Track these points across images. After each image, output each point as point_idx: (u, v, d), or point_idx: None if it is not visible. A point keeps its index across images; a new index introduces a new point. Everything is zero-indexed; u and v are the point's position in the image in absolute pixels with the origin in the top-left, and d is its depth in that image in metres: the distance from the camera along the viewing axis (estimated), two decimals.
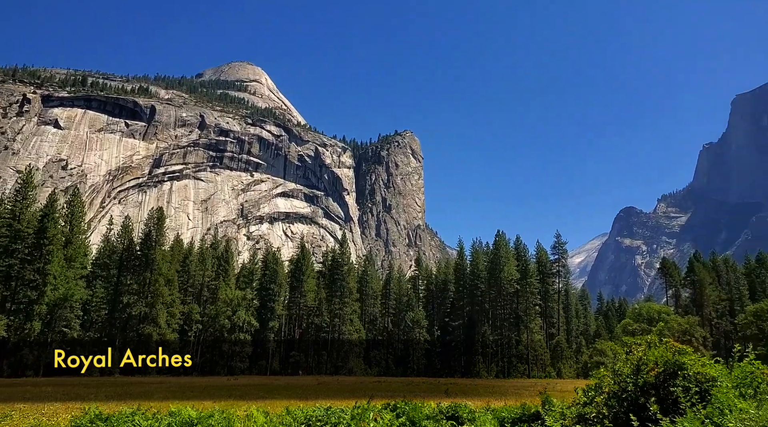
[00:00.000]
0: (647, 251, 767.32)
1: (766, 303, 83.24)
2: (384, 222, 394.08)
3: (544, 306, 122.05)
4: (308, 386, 57.35)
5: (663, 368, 15.96)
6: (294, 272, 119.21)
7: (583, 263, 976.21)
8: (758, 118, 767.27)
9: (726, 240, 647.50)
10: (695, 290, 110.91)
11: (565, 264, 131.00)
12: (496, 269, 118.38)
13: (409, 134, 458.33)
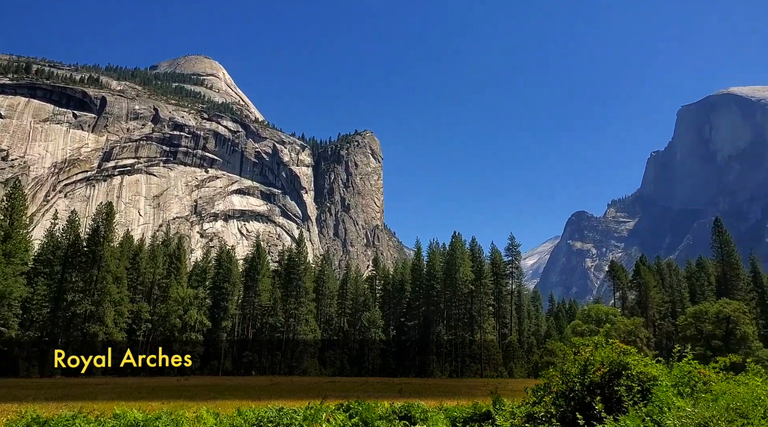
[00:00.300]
0: (597, 254, 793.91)
1: (704, 305, 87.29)
2: (342, 222, 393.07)
3: (498, 307, 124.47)
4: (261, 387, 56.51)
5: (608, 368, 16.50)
6: (249, 271, 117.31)
7: (536, 264, 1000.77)
8: (701, 129, 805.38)
9: (670, 245, 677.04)
10: (641, 292, 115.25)
11: (519, 266, 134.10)
12: (451, 269, 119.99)
13: (369, 134, 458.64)
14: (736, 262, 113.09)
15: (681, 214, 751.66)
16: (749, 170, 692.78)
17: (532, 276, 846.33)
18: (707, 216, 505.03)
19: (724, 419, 10.43)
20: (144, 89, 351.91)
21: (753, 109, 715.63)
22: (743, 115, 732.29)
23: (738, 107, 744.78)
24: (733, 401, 11.49)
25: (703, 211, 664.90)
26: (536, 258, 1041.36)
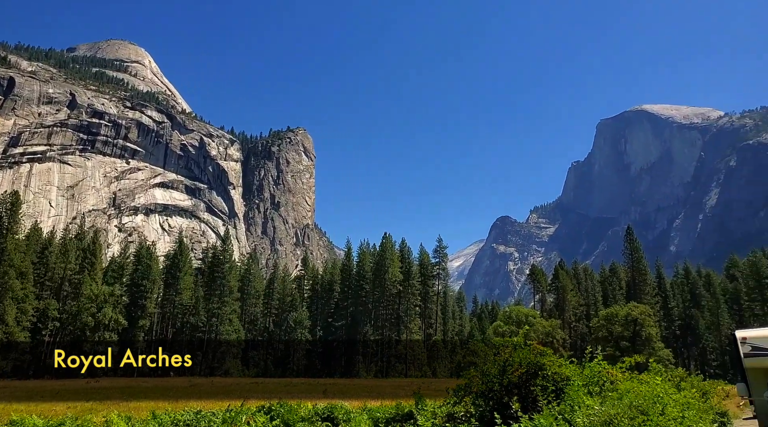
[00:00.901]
0: (519, 258, 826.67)
1: (615, 308, 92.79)
2: (271, 220, 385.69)
3: (424, 307, 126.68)
4: (179, 388, 54.37)
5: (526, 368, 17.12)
6: (170, 268, 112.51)
7: (462, 266, 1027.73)
8: (617, 142, 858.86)
9: (586, 250, 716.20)
10: (558, 295, 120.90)
11: (445, 267, 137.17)
12: (381, 270, 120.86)
13: (302, 132, 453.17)
14: (644, 268, 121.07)
15: (597, 221, 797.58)
16: (657, 183, 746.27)
17: (458, 278, 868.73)
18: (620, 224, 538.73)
19: (627, 416, 11.06)
20: (60, 72, 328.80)
21: (662, 126, 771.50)
22: (654, 131, 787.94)
23: (650, 124, 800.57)
24: (635, 399, 12.24)
25: (617, 219, 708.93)
26: (462, 260, 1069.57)
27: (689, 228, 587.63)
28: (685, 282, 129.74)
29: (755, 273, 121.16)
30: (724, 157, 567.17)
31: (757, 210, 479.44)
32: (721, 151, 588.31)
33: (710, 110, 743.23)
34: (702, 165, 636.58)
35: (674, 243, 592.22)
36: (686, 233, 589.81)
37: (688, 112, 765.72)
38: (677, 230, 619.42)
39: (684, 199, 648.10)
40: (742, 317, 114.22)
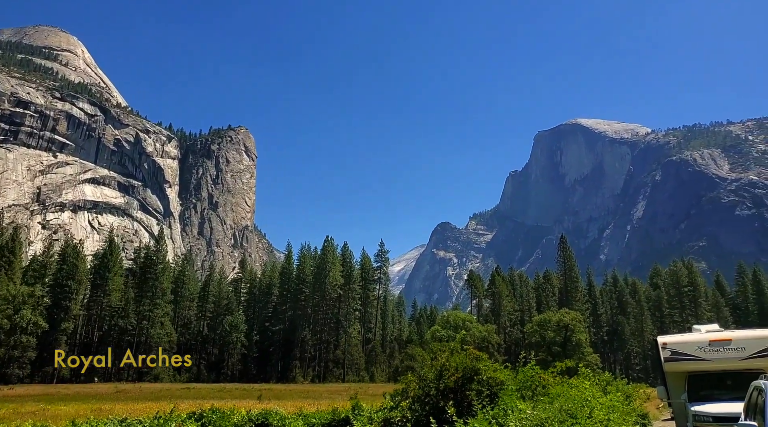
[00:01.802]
0: (458, 263, 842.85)
1: (548, 314, 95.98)
2: (209, 220, 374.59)
3: (364, 311, 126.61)
4: (104, 395, 51.68)
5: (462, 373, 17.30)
6: (98, 268, 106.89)
7: (402, 271, 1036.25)
8: (553, 153, 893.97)
9: (522, 257, 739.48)
10: (495, 300, 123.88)
11: (387, 272, 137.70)
12: (322, 274, 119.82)
13: (244, 131, 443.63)
14: (576, 275, 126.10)
15: (533, 229, 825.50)
16: (590, 194, 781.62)
17: (399, 282, 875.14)
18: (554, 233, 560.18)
19: (557, 419, 11.34)
20: None
21: (595, 139, 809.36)
22: (587, 144, 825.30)
23: (583, 137, 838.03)
24: (565, 403, 12.58)
25: (551, 228, 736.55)
26: (403, 264, 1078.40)
27: (618, 238, 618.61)
28: (613, 290, 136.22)
29: (675, 282, 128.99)
30: (651, 172, 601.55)
31: (678, 222, 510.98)
32: (647, 165, 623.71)
33: (639, 127, 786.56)
34: (630, 178, 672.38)
35: (604, 252, 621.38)
36: (615, 243, 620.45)
37: (619, 128, 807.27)
38: (607, 239, 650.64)
39: (614, 210, 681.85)
40: (663, 323, 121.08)
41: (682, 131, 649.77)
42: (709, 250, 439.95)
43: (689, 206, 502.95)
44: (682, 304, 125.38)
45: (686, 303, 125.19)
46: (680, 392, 20.01)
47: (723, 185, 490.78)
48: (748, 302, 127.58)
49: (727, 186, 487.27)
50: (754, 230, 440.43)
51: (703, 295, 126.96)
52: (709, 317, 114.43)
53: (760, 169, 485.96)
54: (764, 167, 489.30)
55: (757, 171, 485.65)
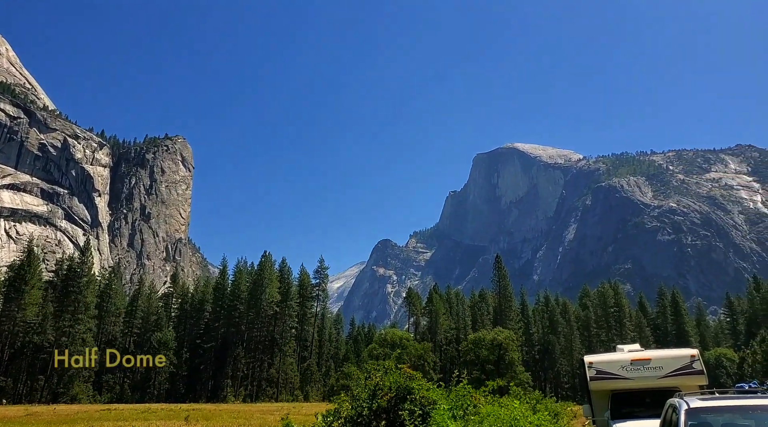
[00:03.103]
0: (397, 281, 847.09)
1: (482, 333, 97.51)
2: (140, 232, 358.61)
3: (300, 329, 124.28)
4: (11, 419, 47.73)
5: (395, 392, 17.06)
6: (14, 280, 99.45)
7: (342, 288, 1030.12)
8: (491, 175, 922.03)
9: (459, 276, 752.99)
10: (432, 318, 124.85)
11: (325, 289, 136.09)
12: (258, 290, 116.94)
13: (182, 140, 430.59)
14: (510, 294, 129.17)
15: (470, 248, 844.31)
16: (524, 216, 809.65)
17: (337, 299, 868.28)
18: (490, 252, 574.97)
19: None
20: None
21: (531, 163, 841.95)
22: (523, 168, 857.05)
23: (519, 161, 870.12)
24: (495, 422, 12.62)
25: (488, 247, 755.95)
26: (343, 281, 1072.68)
27: (550, 259, 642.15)
28: (545, 309, 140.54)
29: (603, 303, 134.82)
30: (581, 196, 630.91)
31: (606, 245, 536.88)
32: (579, 190, 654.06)
33: (572, 153, 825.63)
34: (563, 202, 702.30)
35: (537, 272, 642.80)
36: (547, 263, 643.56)
37: (553, 153, 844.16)
38: (540, 260, 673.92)
39: (547, 232, 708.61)
40: (591, 342, 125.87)
41: (611, 159, 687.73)
42: (633, 272, 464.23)
43: (616, 230, 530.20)
44: (609, 324, 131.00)
45: (612, 323, 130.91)
46: (604, 410, 20.65)
47: (647, 211, 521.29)
48: (667, 323, 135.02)
49: (650, 212, 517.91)
50: (674, 255, 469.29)
51: (628, 315, 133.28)
52: (632, 336, 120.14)
53: (679, 198, 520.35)
54: (682, 196, 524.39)
55: (676, 199, 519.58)
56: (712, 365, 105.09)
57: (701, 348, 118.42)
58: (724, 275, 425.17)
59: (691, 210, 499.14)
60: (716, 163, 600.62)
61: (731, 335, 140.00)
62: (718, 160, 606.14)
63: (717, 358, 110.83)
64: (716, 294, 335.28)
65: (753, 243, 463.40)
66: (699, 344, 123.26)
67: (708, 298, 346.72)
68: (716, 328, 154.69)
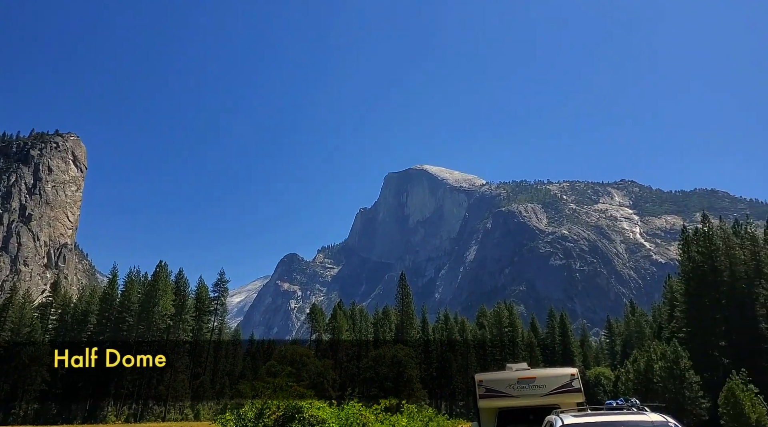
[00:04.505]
0: (302, 296, 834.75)
1: (383, 350, 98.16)
2: (18, 234, 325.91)
3: (195, 344, 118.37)
4: None
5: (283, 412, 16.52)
6: None
7: (242, 302, 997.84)
8: (400, 194, 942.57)
9: (365, 292, 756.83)
10: (334, 335, 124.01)
11: (225, 303, 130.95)
12: (150, 302, 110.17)
13: (74, 138, 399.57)
14: (412, 312, 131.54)
15: (376, 265, 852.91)
16: (430, 235, 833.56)
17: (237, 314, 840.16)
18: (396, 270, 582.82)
19: None
20: None
21: (438, 185, 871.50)
22: (431, 189, 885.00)
23: (428, 182, 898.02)
24: None
25: (394, 265, 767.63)
26: (244, 296, 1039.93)
27: (451, 278, 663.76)
28: (444, 327, 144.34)
29: (498, 322, 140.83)
30: (483, 220, 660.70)
31: (503, 267, 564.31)
32: (480, 213, 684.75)
33: (476, 178, 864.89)
34: (466, 224, 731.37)
35: (439, 291, 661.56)
36: (449, 283, 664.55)
37: (459, 177, 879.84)
38: (442, 279, 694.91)
39: (449, 252, 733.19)
40: (486, 360, 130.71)
41: (512, 186, 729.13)
42: (527, 294, 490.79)
43: (513, 253, 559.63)
44: (503, 343, 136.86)
45: (506, 342, 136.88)
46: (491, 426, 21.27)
47: (541, 237, 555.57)
48: (555, 343, 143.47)
49: (544, 238, 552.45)
50: (563, 279, 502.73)
51: (521, 335, 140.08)
52: (524, 355, 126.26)
53: (570, 226, 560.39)
54: (573, 224, 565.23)
55: (568, 227, 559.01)
56: (592, 383, 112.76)
57: (584, 367, 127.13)
58: (606, 299, 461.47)
59: (581, 238, 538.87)
60: (603, 196, 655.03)
61: (609, 355, 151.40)
62: (605, 193, 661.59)
63: (596, 376, 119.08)
64: (599, 317, 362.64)
65: (631, 270, 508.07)
66: (582, 364, 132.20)
67: (592, 320, 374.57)
68: (597, 348, 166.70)
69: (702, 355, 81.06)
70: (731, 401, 57.41)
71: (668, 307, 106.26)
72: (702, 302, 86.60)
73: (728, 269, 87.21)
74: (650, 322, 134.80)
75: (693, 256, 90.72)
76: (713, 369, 79.55)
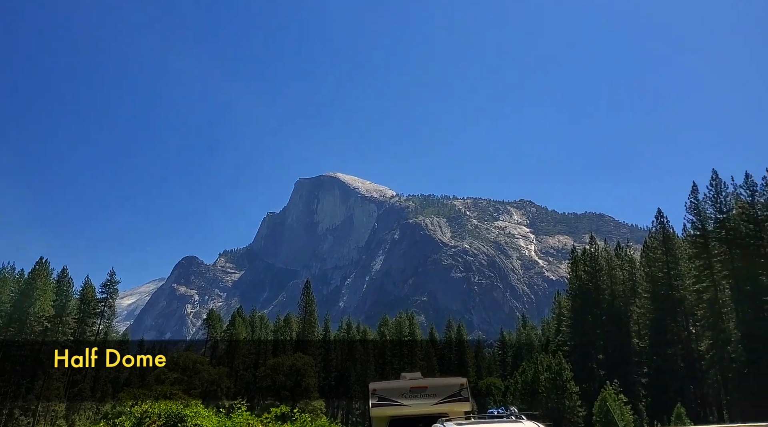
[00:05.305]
0: (199, 301, 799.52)
1: (282, 358, 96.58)
2: None
3: (76, 348, 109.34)
4: None
5: (165, 420, 15.70)
6: None
7: (134, 305, 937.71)
8: (310, 201, 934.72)
9: (267, 298, 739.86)
10: (231, 342, 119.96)
11: (113, 305, 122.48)
12: (26, 302, 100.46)
13: None
14: (314, 321, 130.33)
15: (281, 272, 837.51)
16: (338, 243, 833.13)
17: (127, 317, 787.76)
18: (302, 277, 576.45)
19: None
20: None
21: (349, 194, 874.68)
22: (342, 197, 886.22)
23: (339, 190, 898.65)
24: None
25: (300, 272, 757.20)
26: (136, 298, 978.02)
27: (357, 287, 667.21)
28: (346, 336, 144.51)
29: (399, 332, 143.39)
30: (391, 230, 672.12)
31: (407, 278, 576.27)
32: (389, 224, 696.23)
33: (386, 189, 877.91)
34: (374, 234, 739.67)
35: (343, 299, 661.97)
36: (354, 291, 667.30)
37: (370, 187, 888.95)
38: (347, 287, 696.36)
39: (357, 261, 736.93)
40: (385, 369, 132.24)
41: (420, 199, 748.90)
42: (428, 305, 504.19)
43: (417, 265, 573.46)
44: (402, 352, 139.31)
45: (405, 352, 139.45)
46: None
47: (445, 250, 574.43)
48: (452, 353, 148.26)
49: (447, 251, 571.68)
50: (463, 291, 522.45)
51: (419, 345, 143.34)
52: (421, 365, 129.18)
53: (472, 240, 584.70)
54: (474, 239, 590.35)
55: (469, 241, 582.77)
56: (483, 393, 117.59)
57: (477, 377, 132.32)
58: (501, 312, 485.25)
59: (480, 252, 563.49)
60: (503, 214, 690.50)
61: (501, 365, 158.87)
62: (505, 211, 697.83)
63: (488, 386, 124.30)
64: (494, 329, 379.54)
65: (525, 286, 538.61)
66: (475, 374, 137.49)
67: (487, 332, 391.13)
68: (490, 359, 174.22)
69: (582, 367, 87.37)
70: (604, 410, 62.27)
71: (556, 322, 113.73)
72: (585, 318, 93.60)
73: (609, 287, 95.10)
74: (539, 335, 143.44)
75: (580, 274, 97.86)
76: (591, 380, 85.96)
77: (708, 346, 74.06)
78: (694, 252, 78.53)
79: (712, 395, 76.92)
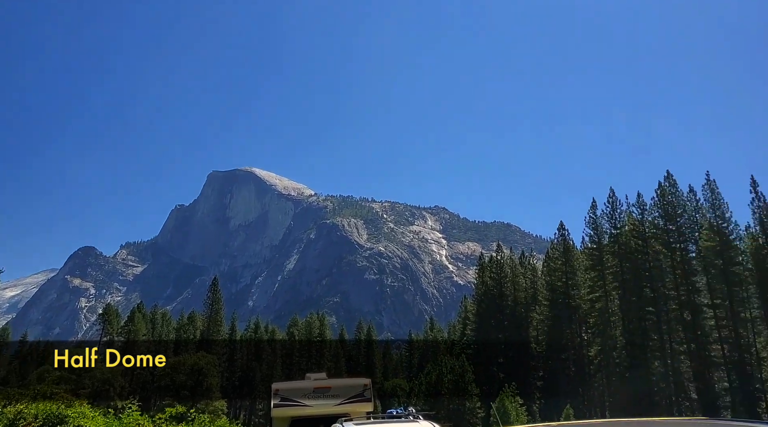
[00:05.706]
0: (95, 295, 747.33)
1: (184, 357, 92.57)
2: None
3: None
4: None
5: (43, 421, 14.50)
6: None
7: (17, 297, 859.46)
8: (224, 195, 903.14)
9: (171, 295, 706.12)
10: (129, 339, 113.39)
11: None
12: None
13: None
14: (220, 319, 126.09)
15: (188, 268, 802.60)
16: (251, 241, 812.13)
17: (9, 310, 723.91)
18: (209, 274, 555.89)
19: None
20: None
21: (265, 190, 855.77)
22: (257, 193, 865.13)
23: (255, 185, 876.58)
24: None
25: (208, 269, 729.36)
26: (21, 289, 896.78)
27: (268, 286, 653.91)
28: (254, 336, 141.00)
29: (308, 332, 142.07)
30: (307, 230, 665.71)
31: (321, 278, 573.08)
32: (306, 223, 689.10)
33: (305, 188, 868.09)
34: (290, 232, 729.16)
35: (253, 298, 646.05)
36: (264, 291, 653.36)
37: (288, 184, 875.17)
38: (258, 286, 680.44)
39: (269, 260, 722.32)
40: (292, 370, 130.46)
41: (338, 199, 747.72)
42: (340, 305, 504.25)
43: (332, 265, 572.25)
44: (310, 353, 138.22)
45: (314, 352, 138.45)
46: None
47: (360, 251, 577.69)
48: (360, 354, 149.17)
49: (363, 252, 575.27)
50: (375, 293, 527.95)
51: (329, 345, 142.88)
52: (330, 365, 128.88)
53: (387, 243, 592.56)
54: (390, 242, 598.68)
55: (385, 244, 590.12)
56: (389, 394, 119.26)
57: (383, 378, 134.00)
58: (411, 314, 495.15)
59: (395, 255, 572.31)
60: (419, 219, 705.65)
61: (407, 367, 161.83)
62: (420, 216, 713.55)
63: (393, 387, 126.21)
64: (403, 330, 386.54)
65: (435, 290, 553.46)
66: (382, 374, 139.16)
67: (396, 333, 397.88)
68: (398, 360, 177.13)
69: (484, 369, 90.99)
70: (501, 411, 65.26)
71: (462, 325, 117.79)
72: (489, 322, 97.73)
73: (512, 294, 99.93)
74: (445, 338, 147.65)
75: (486, 280, 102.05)
76: (491, 382, 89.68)
77: (596, 351, 79.77)
78: (590, 264, 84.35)
79: (597, 397, 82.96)
